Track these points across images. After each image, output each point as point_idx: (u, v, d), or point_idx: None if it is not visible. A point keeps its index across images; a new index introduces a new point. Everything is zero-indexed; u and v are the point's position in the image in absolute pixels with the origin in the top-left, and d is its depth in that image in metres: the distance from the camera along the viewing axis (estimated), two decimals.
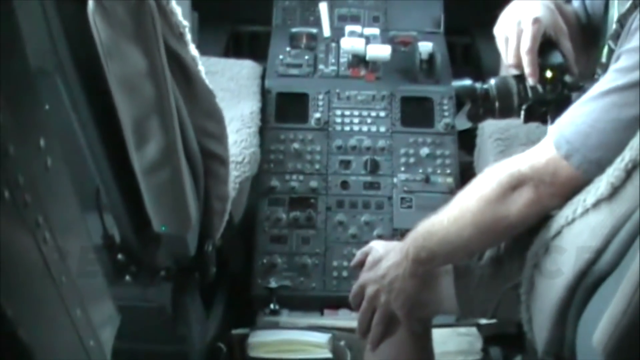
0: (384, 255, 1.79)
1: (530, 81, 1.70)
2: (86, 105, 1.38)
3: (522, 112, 1.72)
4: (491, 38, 1.82)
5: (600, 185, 1.33)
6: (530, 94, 1.71)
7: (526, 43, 1.68)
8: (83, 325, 1.02)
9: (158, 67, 1.32)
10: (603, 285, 1.35)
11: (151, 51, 1.30)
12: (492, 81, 1.76)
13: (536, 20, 1.69)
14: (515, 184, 1.51)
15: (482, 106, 1.75)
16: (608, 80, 1.43)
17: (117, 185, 1.53)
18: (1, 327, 0.80)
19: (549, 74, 1.69)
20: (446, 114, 2.68)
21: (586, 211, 1.38)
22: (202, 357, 2.17)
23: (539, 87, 1.70)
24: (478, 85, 1.76)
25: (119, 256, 1.69)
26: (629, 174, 1.27)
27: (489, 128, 2.39)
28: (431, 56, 2.80)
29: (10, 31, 0.81)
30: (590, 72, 1.69)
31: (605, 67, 1.55)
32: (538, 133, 1.60)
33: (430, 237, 1.65)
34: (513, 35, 1.71)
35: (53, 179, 0.88)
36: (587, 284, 1.38)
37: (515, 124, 2.36)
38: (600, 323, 1.23)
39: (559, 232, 1.47)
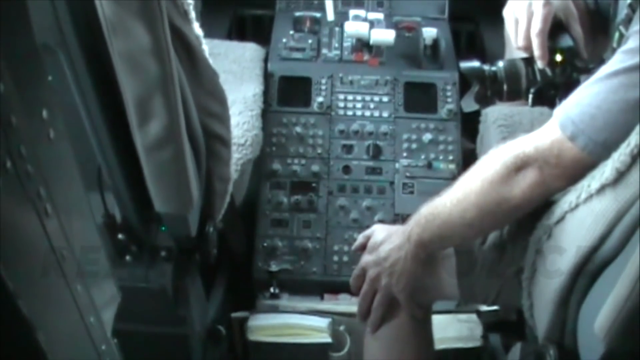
0: (385, 238, 1.79)
1: (539, 64, 1.69)
2: (89, 82, 1.37)
3: (530, 96, 1.72)
4: (496, 25, 1.83)
5: (605, 170, 1.33)
6: (539, 76, 1.70)
7: (537, 25, 1.67)
8: (84, 301, 1.02)
9: (162, 44, 1.31)
10: (606, 271, 1.35)
11: (155, 28, 1.29)
12: (501, 63, 1.75)
13: (547, 3, 1.68)
14: (520, 166, 1.51)
15: (490, 88, 1.74)
16: (615, 61, 1.42)
17: (119, 163, 1.52)
18: (2, 299, 0.79)
19: (558, 57, 1.68)
20: (449, 100, 2.66)
21: (590, 197, 1.38)
22: (201, 339, 2.17)
23: (548, 70, 1.69)
24: (486, 67, 1.75)
25: (120, 236, 1.69)
26: (634, 159, 1.26)
27: (493, 114, 2.38)
28: (435, 42, 2.78)
29: (16, 6, 0.81)
30: (598, 57, 1.69)
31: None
32: (542, 120, 1.58)
33: (433, 220, 1.65)
34: (523, 17, 1.70)
35: (55, 151, 0.88)
36: (589, 270, 1.38)
37: (519, 111, 2.35)
38: (602, 309, 1.23)
39: (562, 218, 1.47)
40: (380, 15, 2.81)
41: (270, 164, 2.55)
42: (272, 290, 2.42)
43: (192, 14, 1.51)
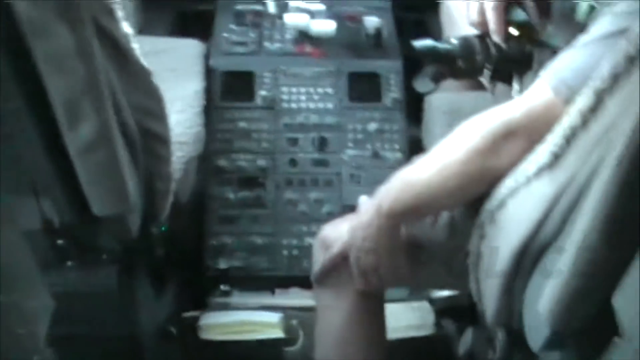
0: (338, 229, 1.77)
1: (495, 38, 1.68)
2: (15, 85, 1.33)
3: (486, 72, 1.71)
4: (439, 12, 1.81)
5: (541, 153, 1.33)
6: (494, 51, 1.69)
7: (492, 1, 1.66)
8: (11, 313, 0.99)
9: (87, 45, 1.28)
10: (547, 253, 1.35)
11: (79, 29, 1.26)
12: (454, 40, 1.74)
13: None
14: (508, 134, 1.47)
15: (445, 66, 1.73)
16: (606, 23, 1.40)
17: (53, 167, 1.49)
18: None
19: (513, 31, 1.68)
20: (393, 88, 2.66)
21: (528, 180, 1.37)
22: (152, 340, 2.15)
23: (503, 45, 1.68)
24: (440, 44, 1.74)
25: (59, 241, 1.65)
26: (568, 141, 1.26)
27: (436, 101, 2.38)
28: (378, 31, 2.77)
29: None
30: (550, 30, 1.68)
31: (583, 26, 1.53)
32: (485, 104, 1.58)
33: (407, 190, 1.61)
34: None
35: None
36: (531, 253, 1.37)
37: (462, 97, 2.35)
38: (544, 292, 1.23)
39: (502, 203, 1.46)
40: (321, 6, 2.78)
41: (215, 161, 2.53)
42: (222, 287, 2.41)
43: (119, 13, 1.48)
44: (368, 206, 1.68)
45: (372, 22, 2.78)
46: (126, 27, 1.51)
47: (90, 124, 1.37)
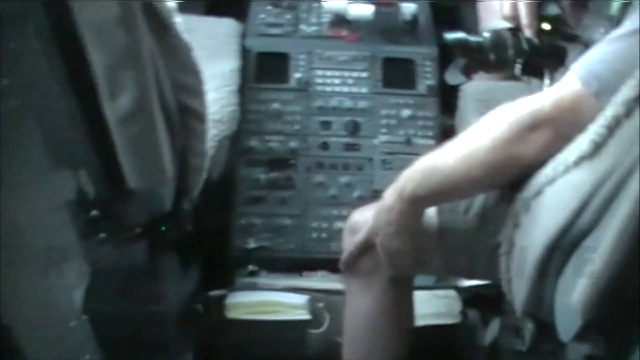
0: (366, 214, 1.77)
1: (527, 33, 1.67)
2: (58, 53, 1.33)
3: (517, 66, 1.70)
4: (475, 1, 1.80)
5: (582, 142, 1.32)
6: (525, 46, 1.68)
7: None
8: (51, 278, 1.00)
9: (131, 14, 1.28)
10: (582, 244, 1.34)
11: None
12: (486, 34, 1.73)
13: None
14: (535, 124, 1.47)
15: (476, 59, 1.72)
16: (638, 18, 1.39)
17: (91, 138, 1.49)
18: None
19: (545, 25, 1.66)
20: (428, 75, 2.65)
21: (567, 169, 1.36)
22: (178, 317, 2.15)
23: (535, 40, 1.67)
24: (472, 37, 1.73)
25: (93, 212, 1.66)
26: (610, 130, 1.25)
27: (471, 90, 2.37)
28: (414, 17, 2.77)
29: None
30: (584, 24, 1.67)
31: (617, 20, 1.51)
32: (520, 93, 1.57)
33: (431, 175, 1.61)
34: None
35: (22, 127, 0.85)
36: (566, 243, 1.36)
37: (497, 85, 2.34)
38: (579, 283, 1.22)
39: (540, 191, 1.45)
40: None
41: (247, 141, 2.53)
42: (249, 267, 2.41)
43: None
44: (391, 190, 1.68)
45: (408, 8, 2.77)
46: (170, 1, 1.51)
47: (130, 95, 1.37)
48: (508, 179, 1.59)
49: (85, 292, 1.19)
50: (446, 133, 2.51)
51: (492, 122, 1.54)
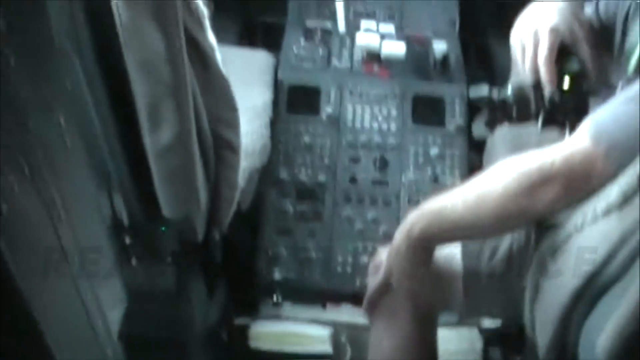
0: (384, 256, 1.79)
1: (547, 88, 1.69)
2: (102, 86, 1.37)
3: (540, 120, 1.72)
4: (505, 39, 1.82)
5: (612, 192, 1.33)
6: (547, 101, 1.70)
7: (543, 53, 1.67)
8: (91, 302, 1.03)
9: (177, 50, 1.32)
10: (609, 292, 1.35)
11: (171, 34, 1.30)
12: (509, 89, 1.75)
13: (552, 30, 1.68)
14: (545, 180, 1.47)
15: (499, 113, 1.75)
16: None
17: (129, 167, 1.53)
18: (13, 301, 0.80)
19: (566, 81, 1.68)
20: (457, 114, 2.67)
21: (596, 218, 1.37)
22: (202, 344, 2.17)
23: (557, 95, 1.69)
24: (495, 93, 1.75)
25: (127, 239, 1.69)
26: None
27: (501, 131, 2.38)
28: (445, 56, 2.79)
29: (37, 9, 0.82)
30: (605, 77, 1.69)
31: (634, 77, 1.53)
32: (552, 139, 1.58)
33: (440, 219, 1.61)
34: (530, 44, 1.70)
35: (71, 158, 0.89)
36: (593, 290, 1.37)
37: (527, 130, 2.35)
38: (604, 329, 1.23)
39: (567, 238, 1.46)
40: (391, 28, 2.83)
41: (277, 172, 2.55)
42: (275, 298, 2.42)
43: (207, 22, 1.52)
44: (399, 231, 1.69)
45: (440, 46, 2.79)
46: (212, 37, 1.55)
47: (171, 128, 1.41)
48: (519, 228, 1.62)
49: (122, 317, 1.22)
50: (474, 172, 2.52)
51: (503, 172, 1.55)
